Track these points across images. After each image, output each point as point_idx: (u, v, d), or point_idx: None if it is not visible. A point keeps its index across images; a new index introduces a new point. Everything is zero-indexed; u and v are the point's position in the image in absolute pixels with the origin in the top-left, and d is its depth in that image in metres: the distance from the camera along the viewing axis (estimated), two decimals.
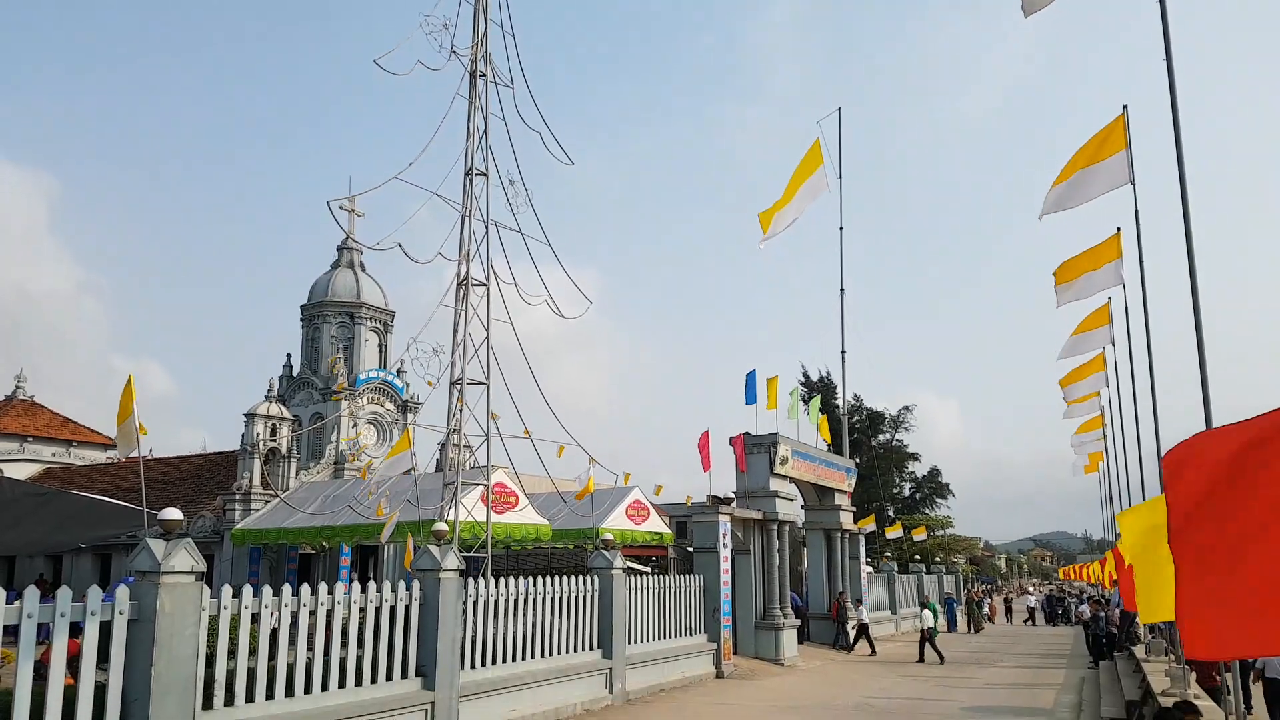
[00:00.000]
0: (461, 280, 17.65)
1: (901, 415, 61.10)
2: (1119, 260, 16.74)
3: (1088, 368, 24.92)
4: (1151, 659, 16.77)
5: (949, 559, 61.33)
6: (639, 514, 23.66)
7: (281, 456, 27.35)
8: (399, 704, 11.51)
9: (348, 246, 32.18)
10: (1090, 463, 38.91)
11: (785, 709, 16.67)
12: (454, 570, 12.66)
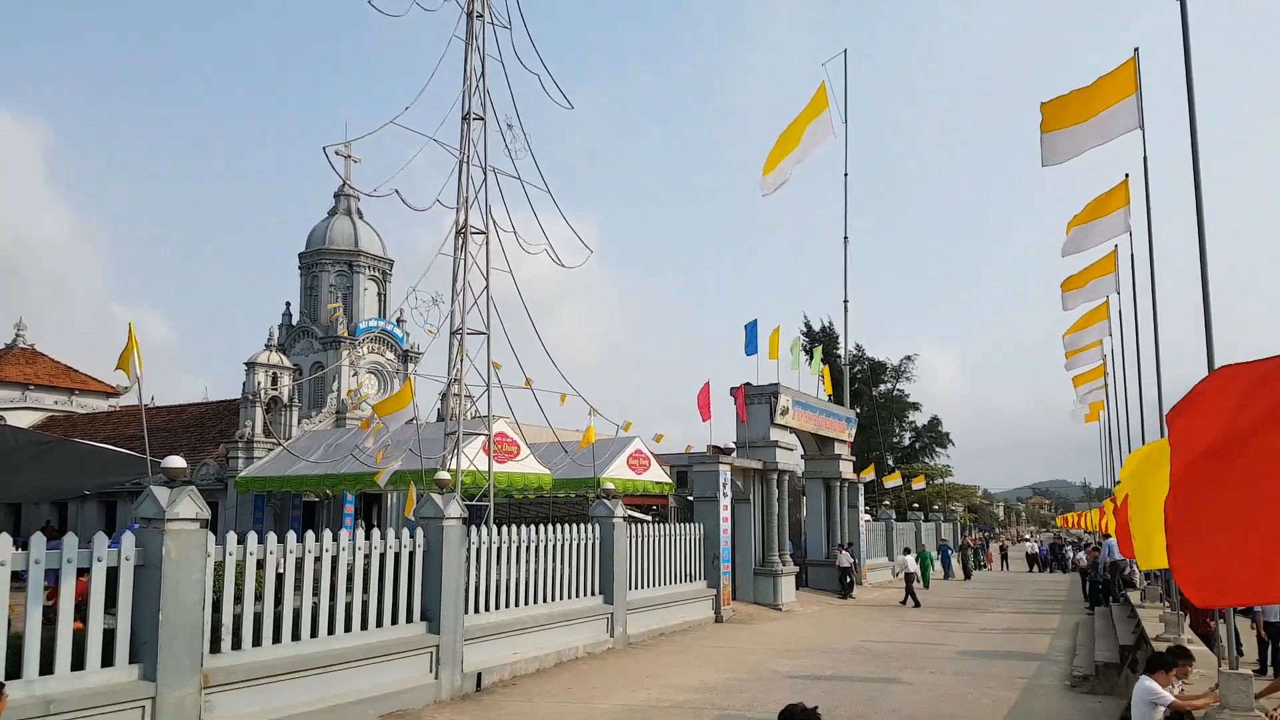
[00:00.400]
0: (460, 228, 17.47)
1: (903, 365, 61.21)
2: (1126, 207, 16.51)
3: (1091, 316, 24.78)
4: (1146, 605, 16.97)
5: (947, 507, 61.89)
6: (640, 464, 23.76)
7: (283, 405, 27.39)
8: (404, 647, 11.66)
9: (345, 193, 31.84)
10: (1091, 411, 38.97)
11: (783, 652, 16.92)
12: (457, 518, 12.75)
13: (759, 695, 12.79)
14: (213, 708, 9.16)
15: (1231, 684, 7.01)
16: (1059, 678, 14.79)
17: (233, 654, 9.61)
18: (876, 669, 15.29)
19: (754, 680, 13.96)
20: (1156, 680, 7.31)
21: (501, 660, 13.53)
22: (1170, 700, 7.15)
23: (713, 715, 11.43)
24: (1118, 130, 14.08)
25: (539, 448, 23.34)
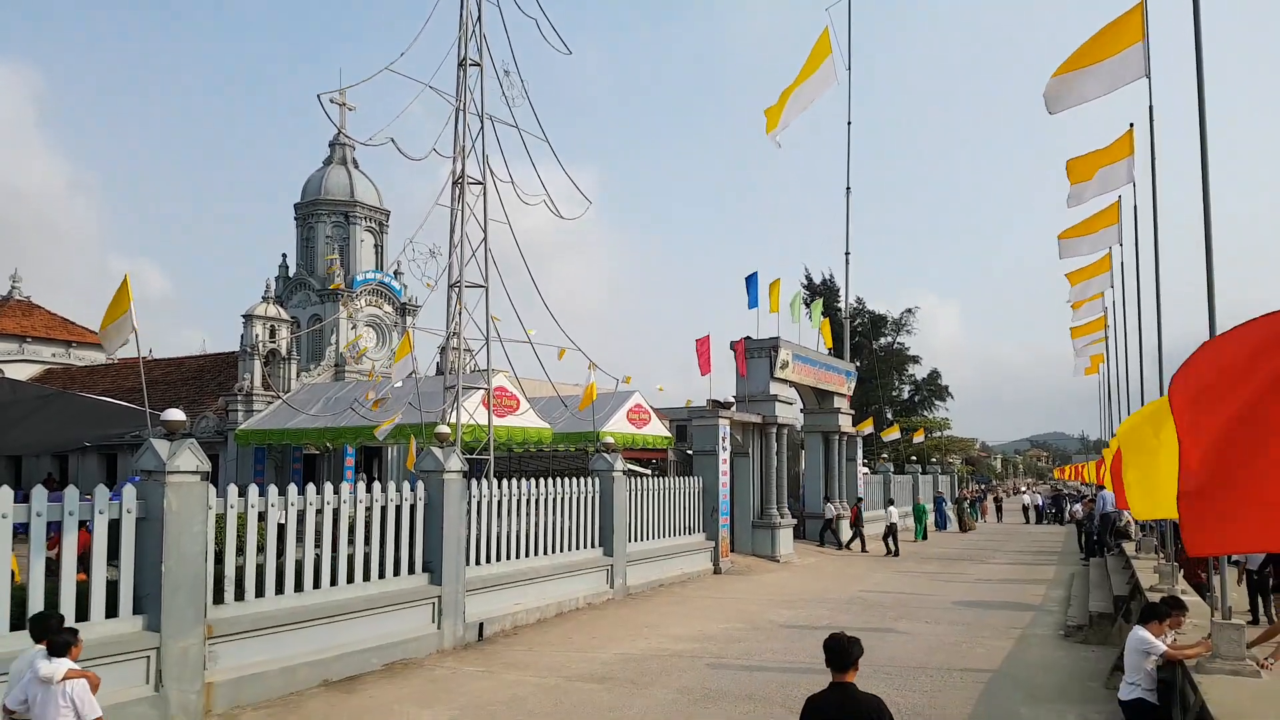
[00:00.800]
0: (457, 178, 17.27)
1: (903, 318, 60.99)
2: (1131, 158, 16.29)
3: (1093, 268, 24.61)
4: (1141, 556, 17.12)
5: (945, 460, 62.23)
6: (640, 418, 23.81)
7: (281, 358, 27.36)
8: (406, 598, 11.79)
9: (340, 142, 31.44)
10: (1091, 364, 38.95)
11: (780, 602, 17.11)
12: (457, 471, 12.79)
13: (756, 645, 12.95)
14: (217, 658, 9.27)
15: (1223, 634, 7.08)
16: (1053, 628, 14.97)
17: (236, 605, 9.70)
18: (872, 619, 15.47)
19: (751, 630, 14.14)
20: (1150, 630, 7.37)
21: (503, 611, 13.69)
22: (1163, 650, 7.21)
23: (710, 664, 11.59)
24: (1124, 78, 13.81)
25: (538, 402, 23.37)
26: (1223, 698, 6.14)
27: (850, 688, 4.93)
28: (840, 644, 4.92)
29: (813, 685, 10.33)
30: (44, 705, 5.56)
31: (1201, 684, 6.54)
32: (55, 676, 5.55)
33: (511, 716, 9.09)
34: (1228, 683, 6.56)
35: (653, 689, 10.24)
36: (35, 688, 5.60)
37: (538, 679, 10.71)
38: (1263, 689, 6.47)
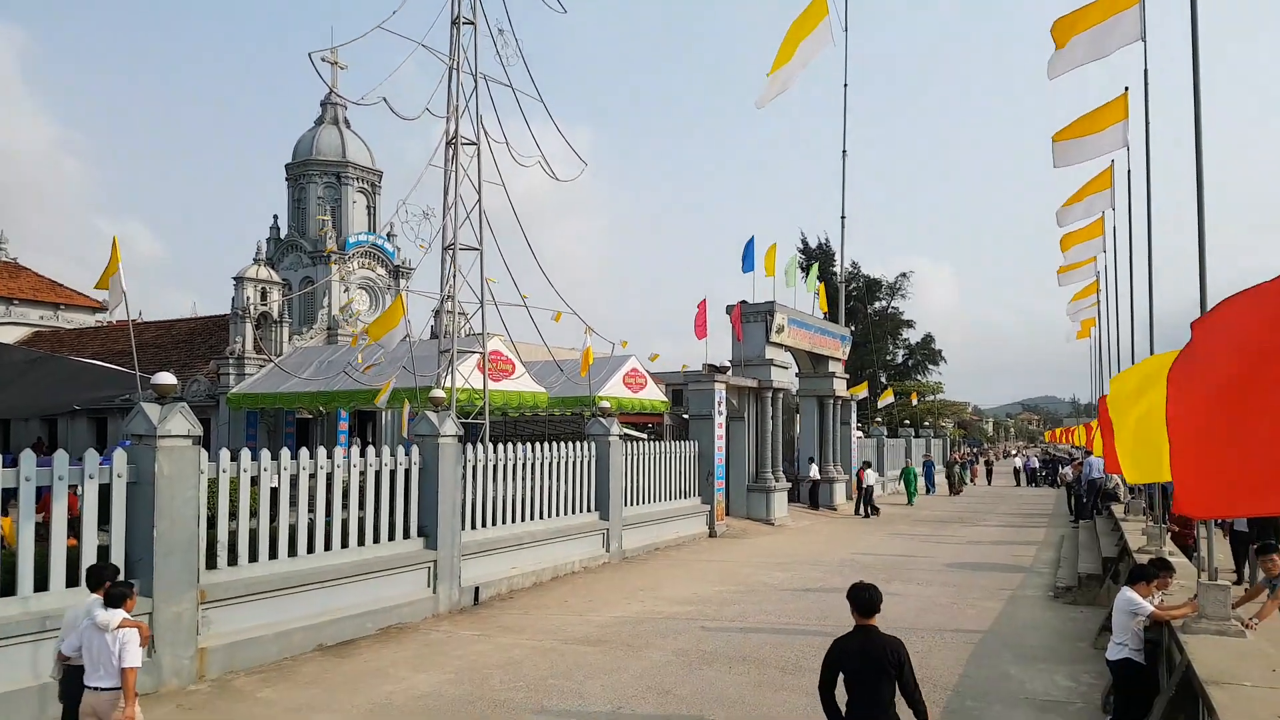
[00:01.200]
0: (451, 138, 17.04)
1: (898, 282, 60.88)
2: (1125, 122, 16.14)
3: (1086, 232, 24.49)
4: (1130, 518, 17.25)
5: (938, 423, 62.52)
6: (636, 382, 23.79)
7: (273, 321, 27.20)
8: (402, 562, 11.83)
9: (331, 102, 31.00)
10: (1082, 328, 39.01)
11: (774, 565, 17.25)
12: (452, 436, 12.78)
13: (750, 607, 13.07)
14: (210, 623, 9.29)
15: (1210, 594, 7.14)
16: (1042, 589, 15.12)
17: (229, 570, 9.70)
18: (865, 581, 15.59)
19: (746, 593, 14.25)
20: (1137, 591, 7.43)
21: (499, 575, 13.76)
22: (1150, 610, 7.28)
23: (705, 626, 11.69)
24: (1119, 41, 13.71)
25: (534, 366, 23.32)
26: (1208, 657, 6.20)
27: (873, 630, 5.45)
28: (865, 592, 5.52)
29: (806, 646, 10.51)
30: (99, 651, 5.85)
31: (1188, 644, 6.61)
32: (111, 625, 5.86)
33: (507, 679, 9.17)
34: (1213, 643, 6.62)
35: (648, 651, 10.33)
36: (92, 634, 5.89)
37: (533, 642, 10.79)
38: (1247, 648, 6.54)
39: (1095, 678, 9.22)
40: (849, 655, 5.38)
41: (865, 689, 5.28)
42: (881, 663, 5.25)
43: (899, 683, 5.23)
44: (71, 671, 6.05)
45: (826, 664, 5.45)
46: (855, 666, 5.34)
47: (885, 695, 5.22)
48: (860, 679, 5.31)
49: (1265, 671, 5.92)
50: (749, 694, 8.67)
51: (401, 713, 8.12)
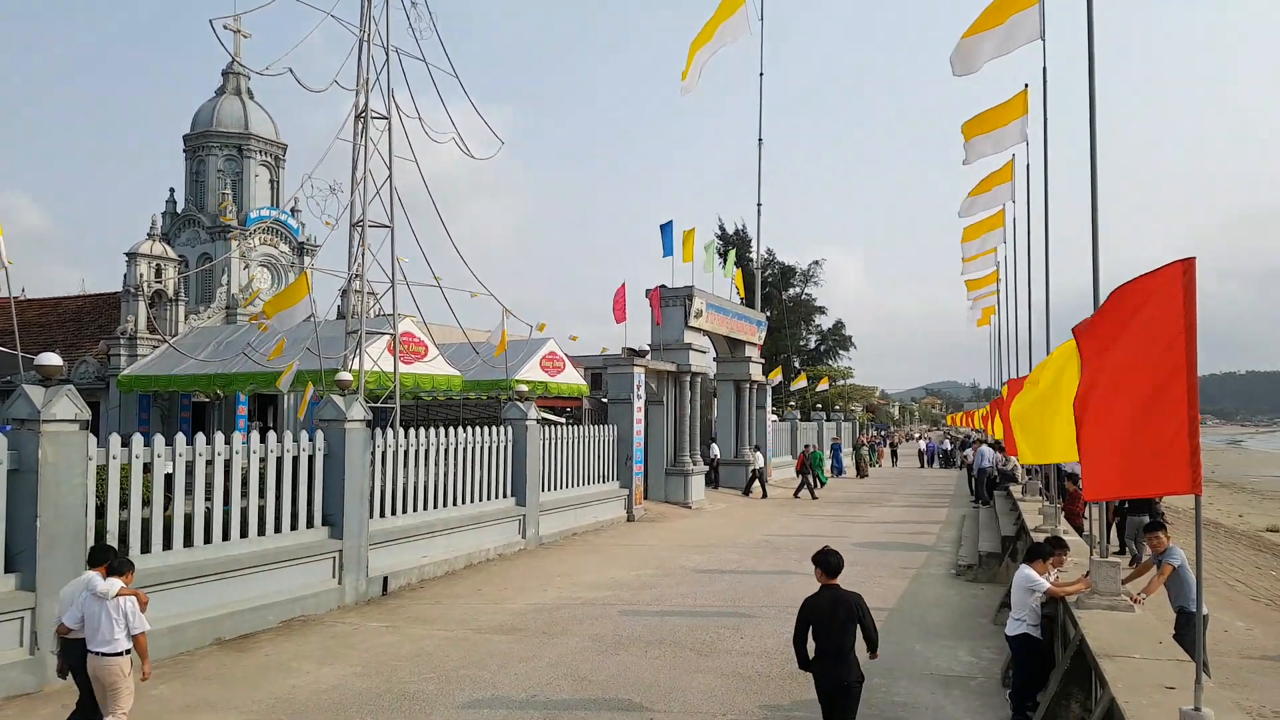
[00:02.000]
0: (360, 112, 16.52)
1: (811, 269, 62.02)
2: (1025, 117, 16.72)
3: (987, 224, 25.35)
4: (1027, 499, 17.95)
5: (848, 407, 64.08)
6: (554, 366, 23.61)
7: (168, 300, 26.01)
8: (306, 552, 11.45)
9: (234, 71, 29.71)
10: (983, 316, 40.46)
11: (692, 548, 17.38)
12: (360, 420, 12.41)
13: (667, 590, 13.13)
14: None
15: (1101, 571, 7.45)
16: (945, 567, 15.64)
17: None
18: (778, 562, 15.86)
19: (663, 576, 14.32)
20: (1034, 568, 7.72)
21: (409, 564, 13.46)
22: (1046, 587, 7.57)
23: (623, 611, 11.68)
24: (1021, 39, 14.18)
25: (448, 348, 22.90)
26: (1100, 631, 6.46)
27: (837, 588, 6.30)
28: (831, 558, 6.42)
29: (722, 628, 10.61)
30: (99, 619, 6.29)
31: (1081, 619, 6.87)
32: (110, 593, 6.30)
33: (417, 670, 8.98)
34: (1105, 617, 6.91)
35: (564, 638, 10.26)
36: (92, 604, 6.32)
37: (445, 632, 10.60)
38: (1135, 622, 6.84)
39: (995, 652, 9.56)
40: (819, 609, 6.21)
41: (832, 637, 6.12)
42: (847, 613, 6.13)
43: (861, 627, 6.14)
44: (69, 645, 6.44)
45: (800, 619, 6.27)
46: (824, 618, 6.17)
47: (849, 641, 6.13)
48: (828, 629, 6.14)
49: (1153, 644, 6.19)
50: (665, 677, 8.70)
51: (305, 707, 7.86)
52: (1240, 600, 14.20)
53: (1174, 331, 4.50)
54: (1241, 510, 31.95)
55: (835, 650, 6.10)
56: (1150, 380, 4.80)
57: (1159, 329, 4.66)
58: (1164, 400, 4.61)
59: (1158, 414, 4.72)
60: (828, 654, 6.13)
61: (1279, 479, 51.83)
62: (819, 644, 6.18)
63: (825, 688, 6.15)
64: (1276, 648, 11.02)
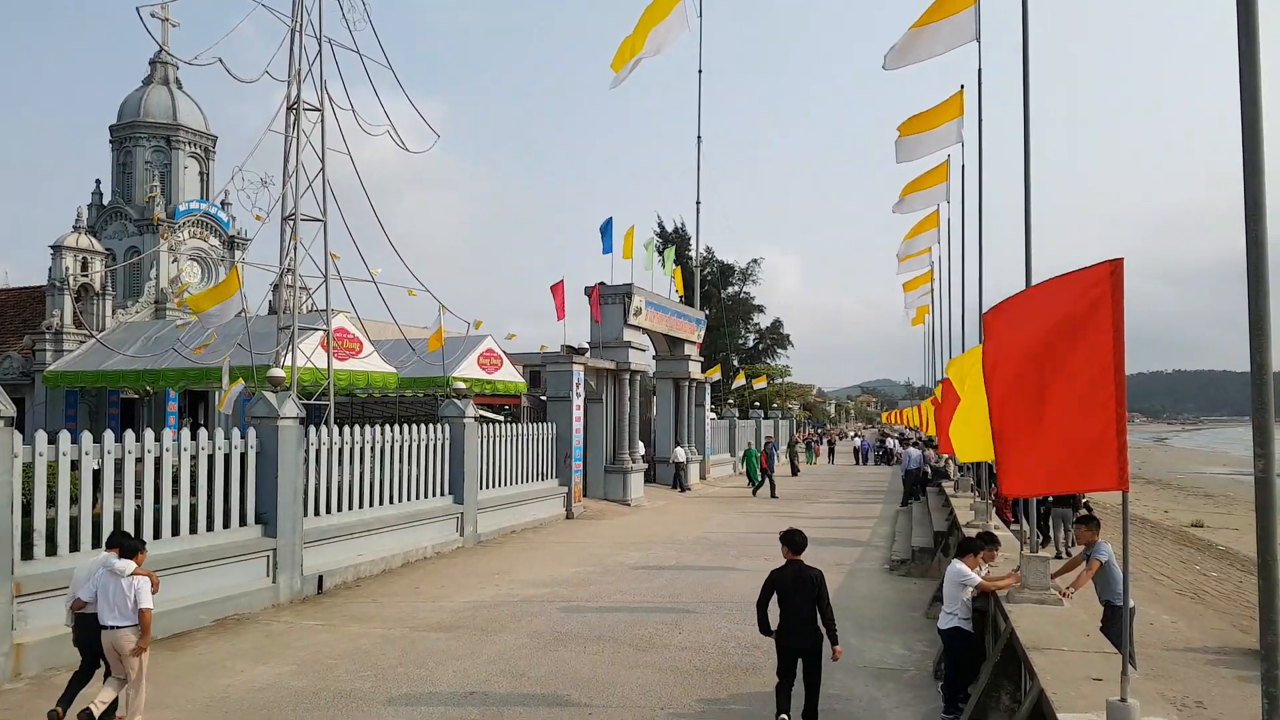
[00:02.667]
0: (292, 103, 16.16)
1: (750, 268, 62.53)
2: (960, 118, 17.06)
3: (922, 224, 25.93)
4: (959, 495, 18.42)
5: (785, 405, 64.88)
6: (492, 363, 23.41)
7: (95, 294, 25.12)
8: (238, 551, 11.20)
9: (162, 60, 28.73)
10: (918, 315, 41.40)
11: (630, 545, 17.44)
12: (293, 418, 12.17)
13: (606, 587, 13.15)
14: (27, 617, 8.58)
15: (1031, 566, 7.66)
16: (879, 562, 15.96)
17: (48, 560, 8.95)
18: (715, 558, 16.01)
19: (602, 573, 14.33)
20: (966, 563, 7.90)
21: (345, 563, 13.25)
22: (978, 581, 7.75)
23: (561, 608, 11.67)
24: (957, 40, 14.44)
25: (383, 345, 22.55)
26: (1030, 625, 6.65)
27: (800, 563, 7.08)
28: (797, 536, 7.17)
29: (660, 623, 10.66)
30: (114, 596, 6.81)
31: (1012, 612, 7.07)
32: (125, 571, 6.87)
33: (353, 669, 8.84)
34: (1034, 611, 7.12)
35: (503, 635, 10.21)
36: (107, 580, 6.86)
37: (382, 630, 10.46)
38: (1063, 616, 7.07)
39: (928, 646, 9.79)
40: (784, 580, 7.02)
41: (795, 606, 6.92)
42: (809, 586, 6.92)
43: (818, 602, 6.88)
44: (82, 619, 6.97)
45: (765, 587, 7.08)
46: (788, 589, 6.98)
47: (809, 610, 6.88)
48: (792, 599, 6.94)
49: (1080, 637, 6.40)
50: (603, 672, 8.72)
51: (240, 706, 7.69)
52: (1166, 594, 14.75)
53: (1102, 330, 4.63)
54: (1167, 506, 33.08)
55: (797, 617, 6.88)
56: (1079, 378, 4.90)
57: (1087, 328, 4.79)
58: (1093, 398, 4.75)
59: (1086, 411, 4.84)
60: (790, 620, 6.92)
61: (1204, 475, 53.56)
62: (783, 611, 6.95)
63: (788, 648, 6.93)
64: (1200, 640, 11.41)
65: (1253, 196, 3.55)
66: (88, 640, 6.99)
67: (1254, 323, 3.52)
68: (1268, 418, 3.56)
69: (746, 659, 9.30)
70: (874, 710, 7.81)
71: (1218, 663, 10.24)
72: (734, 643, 9.97)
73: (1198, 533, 24.91)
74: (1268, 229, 3.56)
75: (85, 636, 7.01)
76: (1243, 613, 13.25)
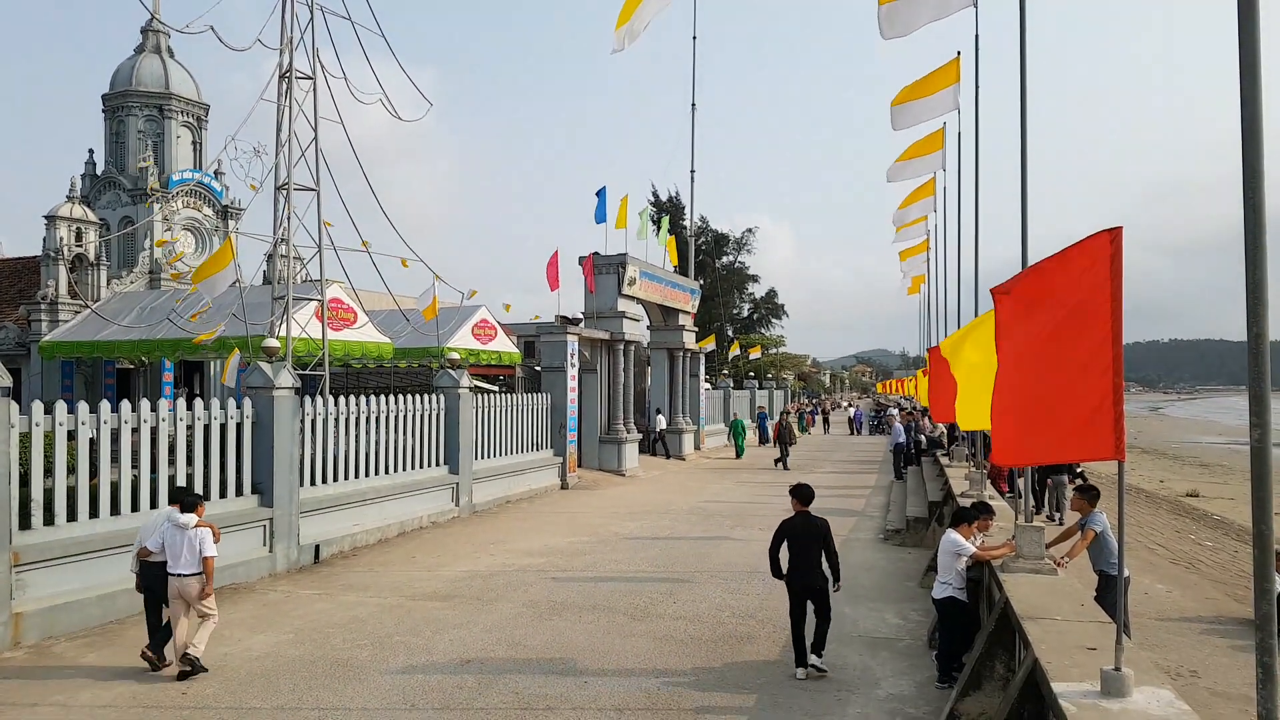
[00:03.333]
0: (285, 72, 15.97)
1: (744, 237, 62.37)
2: (956, 85, 16.83)
3: (918, 193, 25.72)
4: (954, 465, 18.50)
5: (780, 376, 64.96)
6: (486, 333, 23.36)
7: (89, 264, 24.97)
8: (236, 520, 11.22)
9: (153, 29, 28.35)
10: (913, 284, 41.25)
11: (625, 515, 17.51)
12: (288, 388, 12.15)
13: (601, 557, 13.22)
14: (25, 586, 8.63)
15: (1025, 535, 7.68)
16: (873, 532, 16.05)
17: (46, 530, 8.99)
18: (710, 528, 16.09)
19: (597, 543, 14.40)
20: (960, 533, 7.94)
21: (342, 532, 13.30)
22: (972, 551, 7.79)
23: (556, 578, 11.73)
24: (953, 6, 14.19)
25: (378, 315, 22.48)
26: (1024, 594, 6.68)
27: (808, 513, 7.96)
28: (806, 489, 8.11)
29: (655, 592, 10.73)
30: (179, 544, 7.64)
31: (1006, 582, 7.10)
32: (189, 525, 7.69)
33: (350, 637, 8.90)
34: (1028, 580, 7.15)
35: (498, 604, 10.27)
36: (173, 533, 7.69)
37: (379, 599, 10.52)
38: (1057, 585, 7.10)
39: (922, 615, 9.87)
40: (794, 529, 7.92)
41: (804, 552, 7.83)
42: (817, 534, 7.83)
43: (825, 552, 7.80)
44: (147, 566, 7.86)
45: (776, 535, 7.98)
46: (798, 535, 7.88)
47: (816, 557, 7.81)
48: (801, 545, 7.85)
49: (1075, 606, 6.43)
50: (599, 641, 8.78)
51: (237, 675, 7.74)
52: (1161, 564, 14.84)
53: (1101, 300, 4.61)
54: (1163, 476, 33.23)
55: (805, 562, 7.78)
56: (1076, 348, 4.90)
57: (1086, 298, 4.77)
58: (1090, 368, 4.74)
59: (1083, 381, 4.84)
60: (799, 564, 7.81)
61: (1199, 445, 53.74)
62: (793, 556, 7.85)
63: (797, 588, 7.83)
64: (1195, 610, 11.47)
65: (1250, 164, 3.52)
66: (150, 584, 7.89)
67: (1251, 291, 3.50)
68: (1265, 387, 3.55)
69: (741, 628, 9.38)
70: (868, 679, 7.88)
71: (1212, 632, 10.32)
72: (729, 612, 10.04)
73: (1193, 502, 25.06)
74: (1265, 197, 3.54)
75: (148, 581, 7.91)
76: (1237, 582, 13.35)
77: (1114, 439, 4.61)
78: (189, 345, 19.83)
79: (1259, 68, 3.54)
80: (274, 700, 7.17)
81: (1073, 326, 4.95)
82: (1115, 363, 4.60)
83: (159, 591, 7.81)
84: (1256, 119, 3.55)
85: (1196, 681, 8.38)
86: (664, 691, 7.41)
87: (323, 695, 7.28)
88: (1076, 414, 4.92)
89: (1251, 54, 3.55)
